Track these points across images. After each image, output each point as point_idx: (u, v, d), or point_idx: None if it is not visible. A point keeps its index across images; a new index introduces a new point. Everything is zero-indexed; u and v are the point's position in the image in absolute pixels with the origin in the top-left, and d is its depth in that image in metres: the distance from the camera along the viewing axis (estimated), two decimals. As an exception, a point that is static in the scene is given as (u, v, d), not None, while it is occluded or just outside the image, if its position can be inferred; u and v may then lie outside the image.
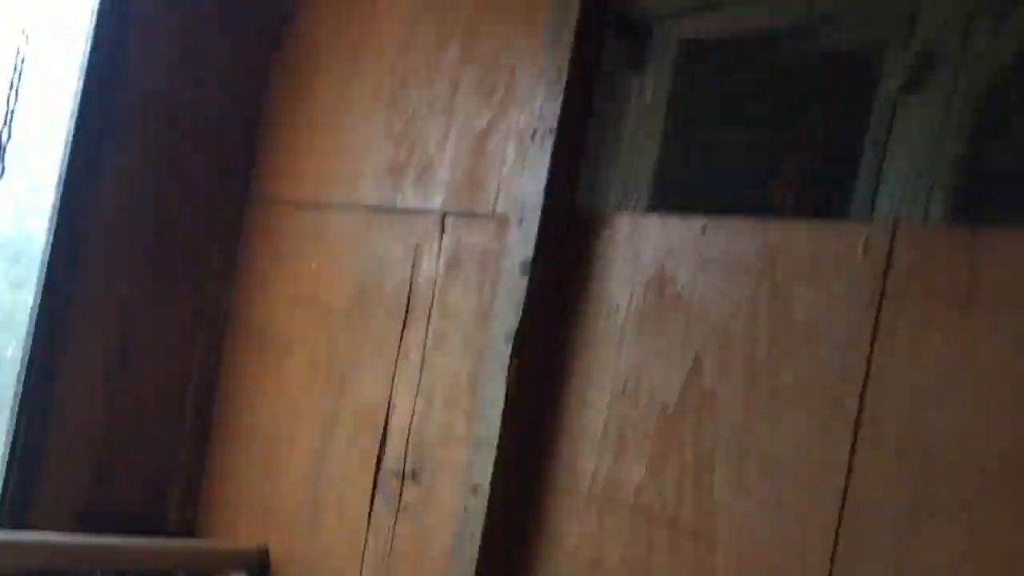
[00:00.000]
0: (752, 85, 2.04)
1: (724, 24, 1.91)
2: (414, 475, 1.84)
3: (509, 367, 1.58)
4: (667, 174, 1.65)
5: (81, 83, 2.45)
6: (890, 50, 1.93)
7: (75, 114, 2.45)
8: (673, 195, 1.61)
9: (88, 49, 2.47)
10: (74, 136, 2.44)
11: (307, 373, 2.30)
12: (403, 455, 1.88)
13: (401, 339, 1.96)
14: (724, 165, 1.82)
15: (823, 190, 1.77)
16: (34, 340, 2.48)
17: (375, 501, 1.94)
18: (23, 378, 2.49)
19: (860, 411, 1.16)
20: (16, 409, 2.50)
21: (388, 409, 1.96)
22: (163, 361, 2.61)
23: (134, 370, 2.57)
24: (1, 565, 2.22)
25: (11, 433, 2.50)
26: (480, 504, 1.58)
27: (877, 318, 1.16)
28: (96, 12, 2.49)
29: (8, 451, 2.50)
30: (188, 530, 2.61)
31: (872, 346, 1.16)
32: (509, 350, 1.59)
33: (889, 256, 1.15)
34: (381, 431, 1.96)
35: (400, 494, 1.88)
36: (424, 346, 1.89)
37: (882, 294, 1.16)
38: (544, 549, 1.52)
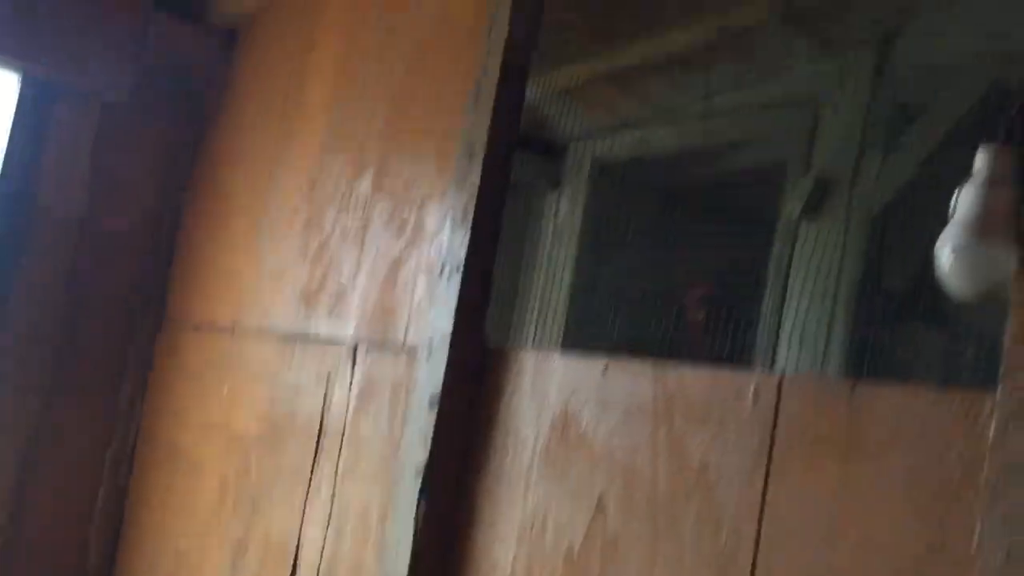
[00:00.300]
0: (661, 204, 2.12)
1: (634, 144, 1.99)
2: (324, 611, 1.81)
3: (417, 503, 1.58)
4: (575, 306, 1.70)
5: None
6: (789, 175, 2.05)
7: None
8: (580, 328, 1.65)
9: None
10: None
11: (217, 499, 2.25)
12: (314, 588, 1.85)
13: (312, 468, 1.94)
14: (631, 292, 1.87)
15: (729, 318, 1.84)
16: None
17: (285, 637, 1.89)
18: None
19: (755, 554, 1.19)
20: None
21: (299, 540, 1.93)
22: (72, 480, 2.54)
23: (40, 488, 2.49)
24: None
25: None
26: (390, 645, 1.55)
27: (768, 466, 1.20)
28: (9, 132, 2.49)
29: None
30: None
31: (764, 492, 1.20)
32: (418, 485, 1.59)
33: (777, 406, 1.20)
34: (292, 563, 1.92)
35: (310, 630, 1.83)
36: (335, 476, 1.87)
37: (772, 442, 1.20)
38: None
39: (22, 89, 2.48)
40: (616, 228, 1.99)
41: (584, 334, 1.76)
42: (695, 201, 2.02)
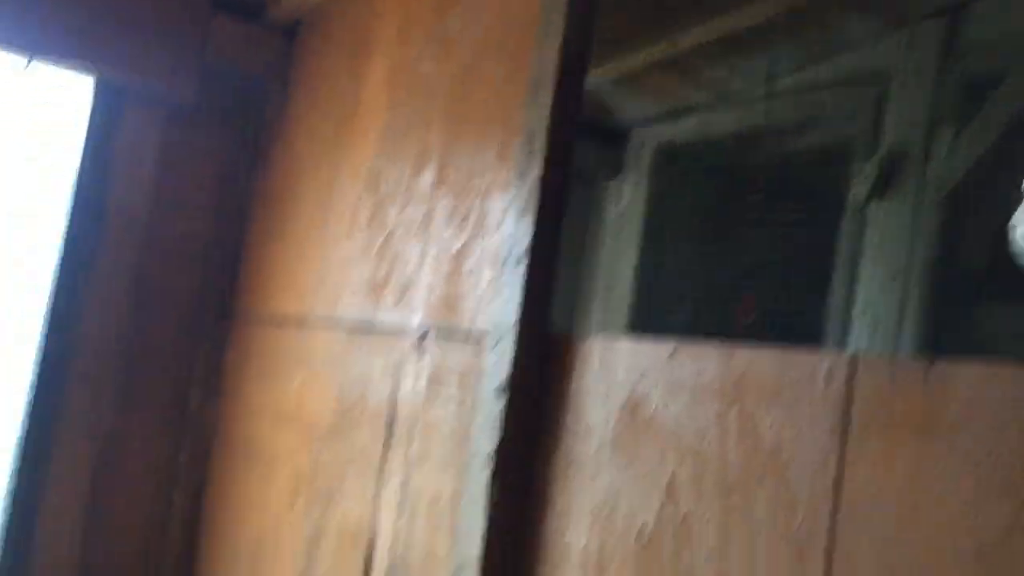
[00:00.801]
0: (725, 188, 2.10)
1: (696, 129, 1.98)
2: (399, 597, 1.84)
3: (489, 489, 1.60)
4: (640, 292, 1.70)
5: (68, 211, 2.51)
6: (856, 154, 2.01)
7: (60, 244, 2.50)
8: (645, 314, 1.65)
9: (75, 181, 2.53)
10: (59, 263, 2.49)
11: (292, 490, 2.30)
12: (387, 571, 1.88)
13: (384, 458, 1.97)
14: (697, 278, 1.87)
15: (797, 301, 1.82)
16: (18, 469, 2.49)
17: (361, 623, 1.93)
18: (8, 508, 2.49)
19: (832, 536, 1.19)
20: (2, 535, 2.49)
21: (372, 529, 1.96)
22: (150, 477, 2.61)
23: (118, 491, 2.56)
24: None
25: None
26: (464, 629, 1.58)
27: (843, 446, 1.19)
28: (84, 137, 2.57)
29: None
30: (173, 651, 2.57)
31: (840, 472, 1.19)
32: (489, 471, 1.61)
33: (850, 386, 1.19)
34: (366, 551, 1.96)
35: (385, 616, 1.87)
36: (406, 465, 1.91)
37: (846, 422, 1.19)
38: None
39: (95, 94, 2.56)
40: (679, 213, 1.98)
41: (649, 320, 1.76)
42: (759, 184, 2.00)
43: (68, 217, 2.50)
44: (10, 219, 2.48)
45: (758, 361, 1.31)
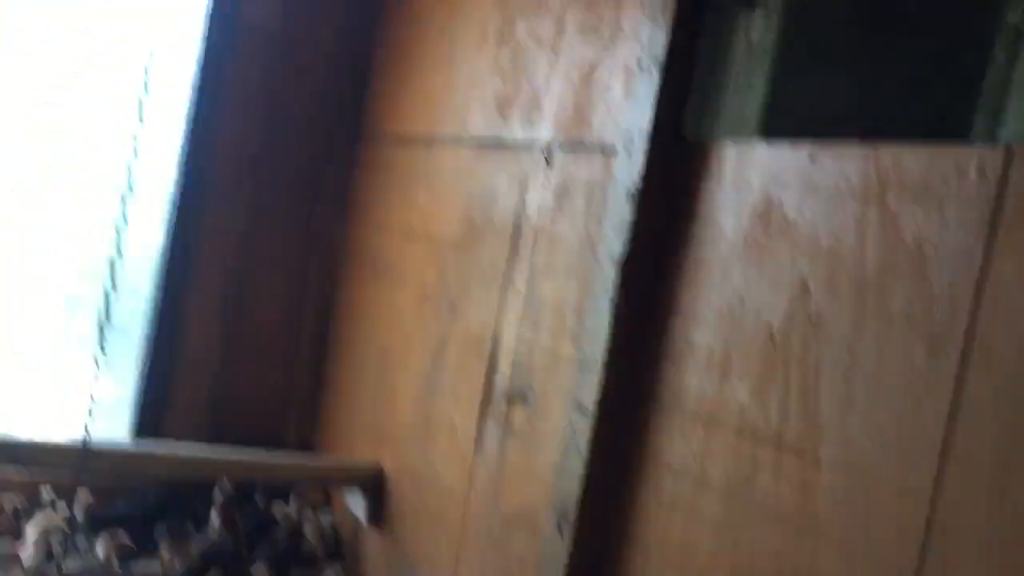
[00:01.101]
0: (864, 18, 2.00)
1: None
2: (522, 397, 1.93)
3: (615, 291, 1.64)
4: (775, 101, 1.66)
5: (203, 25, 2.57)
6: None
7: (197, 55, 2.58)
8: (780, 122, 1.62)
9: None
10: (198, 74, 2.57)
11: (418, 301, 2.41)
12: (511, 378, 1.97)
13: (509, 268, 2.03)
14: (834, 92, 1.80)
15: (941, 114, 1.75)
16: (162, 274, 2.66)
17: (484, 422, 2.04)
18: (152, 311, 2.68)
19: (970, 333, 1.18)
20: (146, 338, 2.70)
21: (496, 335, 2.04)
22: (279, 289, 2.76)
23: (253, 297, 2.72)
24: (136, 474, 2.42)
25: (142, 359, 2.70)
26: (586, 423, 1.65)
27: (989, 241, 1.17)
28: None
29: (141, 375, 2.70)
30: (305, 449, 2.77)
31: (985, 268, 1.17)
32: (615, 275, 1.65)
33: (1003, 180, 1.16)
34: (489, 356, 2.05)
35: (508, 415, 1.97)
36: (531, 274, 1.96)
37: (995, 218, 1.16)
38: (649, 466, 1.59)
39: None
40: (814, 45, 1.90)
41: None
42: (900, 12, 1.89)
43: (203, 31, 2.57)
44: (148, 32, 2.55)
45: (904, 158, 1.28)
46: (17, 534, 2.28)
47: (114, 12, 2.58)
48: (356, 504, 2.46)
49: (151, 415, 2.64)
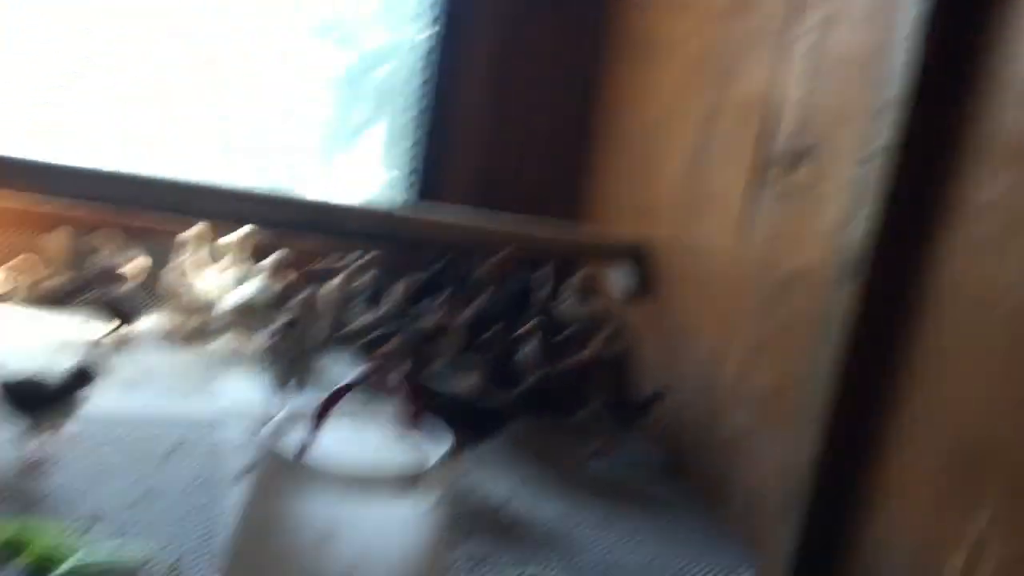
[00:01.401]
0: None
1: None
2: (802, 155, 1.86)
3: (923, 24, 1.50)
4: None
5: None
6: None
7: None
8: None
9: None
10: None
11: (686, 73, 2.34)
12: (790, 137, 1.90)
13: (789, 26, 1.92)
14: None
15: None
16: (435, 54, 2.76)
17: (758, 187, 1.99)
18: (427, 91, 2.80)
19: None
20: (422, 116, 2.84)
21: (775, 96, 1.96)
22: (545, 70, 2.78)
23: (520, 76, 2.77)
24: (415, 235, 2.55)
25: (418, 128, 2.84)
26: (874, 173, 1.55)
27: None
28: None
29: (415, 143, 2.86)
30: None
31: None
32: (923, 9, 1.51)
33: None
34: (766, 118, 1.98)
35: (786, 176, 1.91)
36: (817, 30, 1.84)
37: None
38: (955, 211, 1.48)
39: None
40: None
41: None
42: None
43: None
44: None
45: None
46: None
47: None
48: (620, 277, 2.51)
49: (427, 188, 2.82)
